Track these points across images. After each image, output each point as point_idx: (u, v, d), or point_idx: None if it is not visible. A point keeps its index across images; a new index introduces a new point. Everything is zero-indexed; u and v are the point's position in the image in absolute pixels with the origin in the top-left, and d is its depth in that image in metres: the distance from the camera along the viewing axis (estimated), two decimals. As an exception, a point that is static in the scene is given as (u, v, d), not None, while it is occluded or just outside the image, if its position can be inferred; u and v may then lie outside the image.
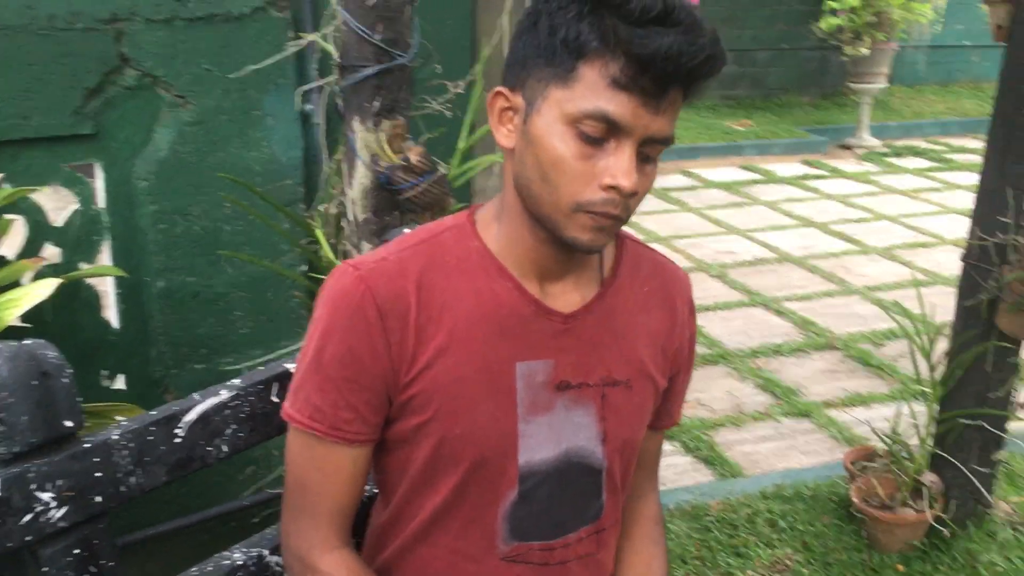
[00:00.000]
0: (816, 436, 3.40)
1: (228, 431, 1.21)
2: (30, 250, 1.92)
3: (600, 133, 0.97)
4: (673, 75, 0.95)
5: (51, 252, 1.95)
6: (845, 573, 2.49)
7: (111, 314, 2.07)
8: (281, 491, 2.26)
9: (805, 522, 2.69)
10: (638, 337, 1.17)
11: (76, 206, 1.95)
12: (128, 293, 2.05)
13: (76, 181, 1.94)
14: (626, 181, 0.97)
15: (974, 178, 7.45)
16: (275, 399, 1.27)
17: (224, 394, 1.21)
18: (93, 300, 2.00)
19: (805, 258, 5.30)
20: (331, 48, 1.76)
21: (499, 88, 1.04)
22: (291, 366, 1.29)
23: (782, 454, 3.27)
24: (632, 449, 1.20)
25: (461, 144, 1.85)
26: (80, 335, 1.99)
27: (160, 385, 2.13)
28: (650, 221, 5.90)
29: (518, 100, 1.03)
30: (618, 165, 0.97)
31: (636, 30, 0.93)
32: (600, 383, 1.13)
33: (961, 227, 5.79)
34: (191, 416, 1.17)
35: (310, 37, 1.93)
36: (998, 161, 2.36)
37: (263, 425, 1.26)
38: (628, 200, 1.00)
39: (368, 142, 1.72)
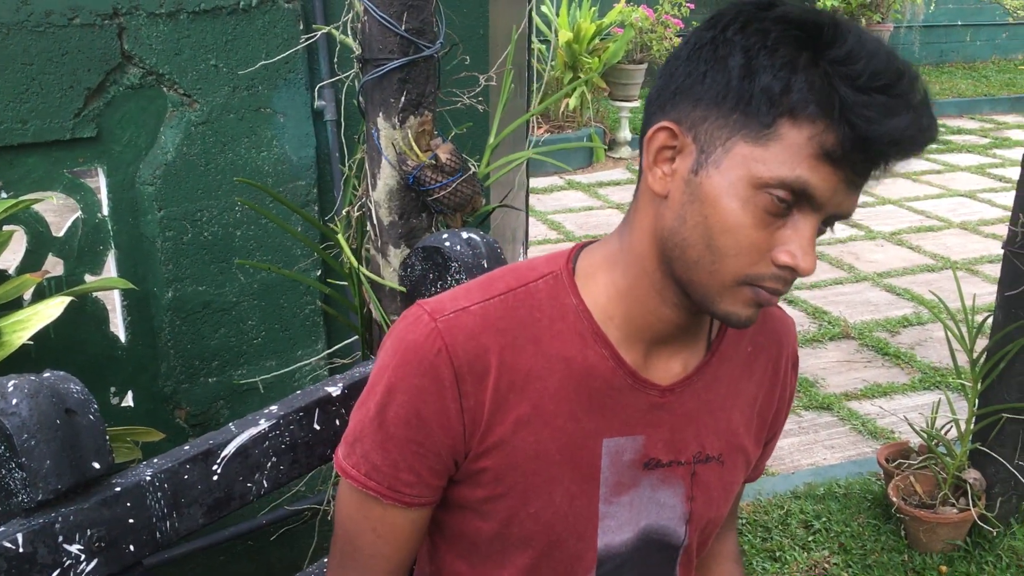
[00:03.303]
0: (839, 430, 3.32)
1: (268, 464, 1.11)
2: (31, 262, 1.79)
3: (788, 202, 0.83)
4: (893, 157, 0.83)
5: (52, 263, 1.83)
6: (886, 575, 2.41)
7: (118, 328, 1.95)
8: (300, 508, 2.17)
9: (840, 522, 2.60)
10: (735, 406, 1.05)
11: (78, 214, 1.83)
12: (135, 305, 1.94)
13: (79, 188, 1.81)
14: (806, 263, 0.84)
15: (973, 159, 7.36)
16: (317, 427, 1.16)
17: (263, 424, 1.10)
18: (101, 314, 1.88)
19: (811, 245, 5.22)
20: (350, 41, 1.65)
21: (666, 123, 0.88)
22: (332, 389, 1.18)
23: (806, 449, 3.18)
24: (715, 527, 1.10)
25: (491, 140, 1.74)
26: (87, 352, 1.87)
27: (171, 401, 2.01)
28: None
29: (687, 143, 0.87)
30: (799, 243, 0.84)
31: (862, 98, 0.79)
32: (692, 460, 1.02)
33: (965, 209, 5.78)
34: (229, 450, 1.06)
35: (325, 29, 1.81)
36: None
37: (305, 456, 1.15)
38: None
39: (394, 140, 1.61)
